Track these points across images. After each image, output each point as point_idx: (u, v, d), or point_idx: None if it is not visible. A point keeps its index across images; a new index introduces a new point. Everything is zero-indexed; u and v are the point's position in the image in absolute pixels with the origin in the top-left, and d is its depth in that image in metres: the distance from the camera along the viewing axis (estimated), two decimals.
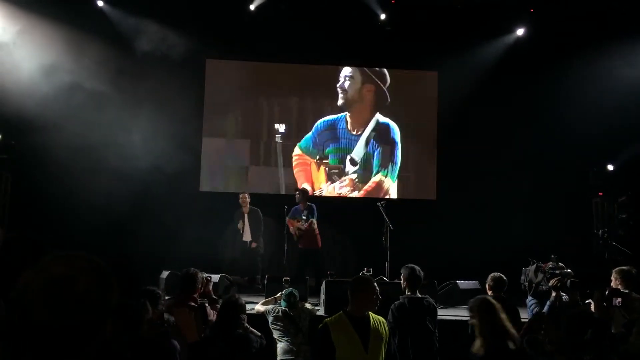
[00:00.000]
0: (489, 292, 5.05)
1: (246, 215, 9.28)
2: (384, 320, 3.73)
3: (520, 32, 10.51)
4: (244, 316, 4.36)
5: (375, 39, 10.36)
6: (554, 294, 4.86)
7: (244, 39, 10.18)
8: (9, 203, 8.94)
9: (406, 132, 10.93)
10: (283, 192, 10.57)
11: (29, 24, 9.15)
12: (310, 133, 10.82)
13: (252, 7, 10.00)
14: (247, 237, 9.25)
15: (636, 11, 9.18)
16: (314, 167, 10.79)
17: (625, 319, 3.97)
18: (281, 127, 10.75)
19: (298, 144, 10.80)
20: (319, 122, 10.86)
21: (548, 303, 4.90)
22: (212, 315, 4.59)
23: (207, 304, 4.67)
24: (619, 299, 3.99)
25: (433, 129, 10.92)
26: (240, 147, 10.73)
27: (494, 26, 10.35)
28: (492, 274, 5.21)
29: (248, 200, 9.33)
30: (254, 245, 9.22)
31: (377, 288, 3.68)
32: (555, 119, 9.84)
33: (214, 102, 10.69)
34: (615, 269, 5.00)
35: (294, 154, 10.77)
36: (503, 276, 5.17)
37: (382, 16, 10.25)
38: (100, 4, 9.86)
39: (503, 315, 3.63)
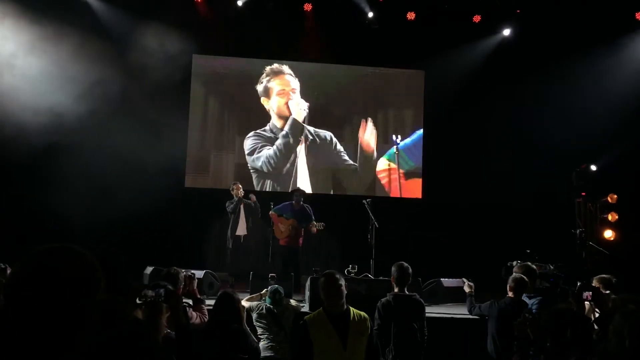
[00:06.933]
0: (510, 294, 4.81)
1: (242, 208, 8.60)
2: (366, 315, 3.69)
3: (506, 32, 10.57)
4: (241, 309, 4.23)
5: (363, 37, 10.36)
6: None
7: (231, 35, 10.14)
8: None
9: (393, 130, 11.00)
10: (269, 188, 10.54)
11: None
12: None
13: (239, 2, 9.96)
14: (241, 231, 8.53)
15: (619, 16, 9.32)
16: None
17: (597, 314, 4.06)
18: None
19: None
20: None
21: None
22: (195, 317, 4.18)
23: (189, 305, 4.23)
24: (589, 293, 4.09)
25: (419, 127, 10.97)
26: (226, 142, 10.70)
27: (481, 26, 10.40)
28: (512, 275, 4.87)
29: (242, 192, 8.57)
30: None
31: (341, 281, 3.63)
32: (541, 119, 9.92)
33: (200, 97, 10.64)
34: (597, 277, 5.07)
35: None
36: (525, 277, 4.80)
37: (370, 14, 10.26)
38: None
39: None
